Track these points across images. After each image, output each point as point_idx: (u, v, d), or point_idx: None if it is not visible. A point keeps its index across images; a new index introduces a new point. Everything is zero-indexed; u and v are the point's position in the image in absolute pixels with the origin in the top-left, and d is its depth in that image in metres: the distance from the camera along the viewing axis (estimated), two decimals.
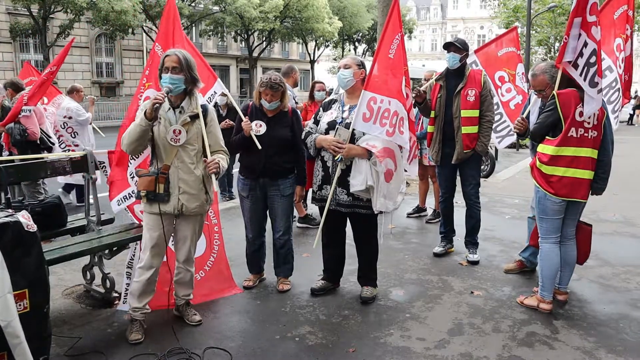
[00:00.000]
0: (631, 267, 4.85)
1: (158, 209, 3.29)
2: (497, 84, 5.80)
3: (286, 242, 4.24)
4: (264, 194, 4.12)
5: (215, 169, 3.30)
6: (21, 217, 2.64)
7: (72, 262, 4.09)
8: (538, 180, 3.74)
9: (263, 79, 4.00)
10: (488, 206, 7.02)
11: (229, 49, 38.69)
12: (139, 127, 3.15)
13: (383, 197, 3.71)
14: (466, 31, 65.86)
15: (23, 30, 24.23)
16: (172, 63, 3.22)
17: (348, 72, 3.87)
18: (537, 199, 3.81)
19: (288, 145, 4.07)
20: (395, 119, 3.77)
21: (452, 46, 4.74)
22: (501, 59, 5.91)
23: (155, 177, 3.27)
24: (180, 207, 3.34)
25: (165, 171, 3.28)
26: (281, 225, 4.19)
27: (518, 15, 26.69)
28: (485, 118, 4.76)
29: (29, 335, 2.45)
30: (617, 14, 5.11)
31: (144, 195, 3.27)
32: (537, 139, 3.80)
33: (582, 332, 3.55)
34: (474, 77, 4.77)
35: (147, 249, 3.39)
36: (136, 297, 3.42)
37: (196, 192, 3.36)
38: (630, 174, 9.94)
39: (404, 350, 3.30)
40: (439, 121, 4.85)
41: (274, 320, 3.70)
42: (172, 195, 3.31)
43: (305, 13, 31.96)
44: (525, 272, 4.63)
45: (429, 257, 5.07)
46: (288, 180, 4.11)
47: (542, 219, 3.82)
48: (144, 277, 3.39)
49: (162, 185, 3.26)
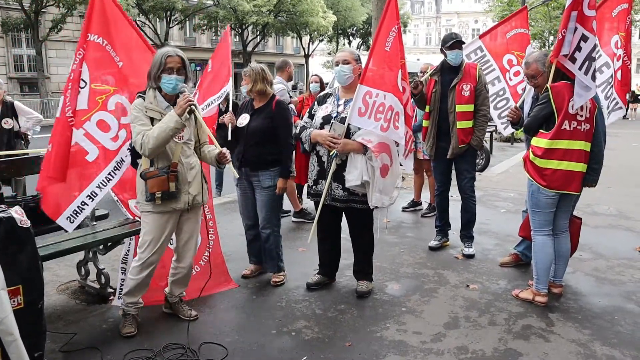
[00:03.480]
0: (625, 260, 4.87)
1: (170, 206, 3.29)
2: (506, 67, 5.70)
3: (269, 236, 4.19)
4: (249, 184, 4.19)
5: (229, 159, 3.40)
6: (14, 213, 2.62)
7: (67, 257, 4.07)
8: (531, 173, 3.75)
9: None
10: (483, 200, 7.03)
11: None
12: (173, 130, 3.13)
13: (379, 192, 3.70)
14: (460, 25, 65.77)
15: (15, 24, 24.00)
16: (176, 64, 3.22)
17: (348, 68, 3.84)
18: (530, 192, 3.82)
19: (267, 137, 4.03)
20: (390, 114, 3.72)
21: (457, 44, 4.68)
22: (510, 41, 5.78)
23: (166, 176, 3.24)
24: (190, 201, 3.36)
25: (175, 169, 3.28)
26: (262, 218, 4.18)
27: (512, 9, 26.69)
28: (480, 112, 4.75)
29: (24, 332, 2.43)
30: (616, 12, 5.12)
31: (158, 196, 3.23)
32: (530, 132, 3.80)
33: (577, 324, 3.57)
34: (469, 71, 4.75)
35: (150, 248, 3.33)
36: (132, 293, 3.41)
37: (200, 185, 3.43)
38: (625, 167, 9.98)
39: (400, 344, 3.30)
40: (433, 116, 4.84)
41: (270, 315, 3.70)
42: (183, 191, 3.32)
43: (300, 7, 31.83)
44: (521, 266, 4.65)
45: (424, 251, 5.08)
46: (268, 172, 4.07)
47: (535, 212, 3.83)
48: (142, 274, 3.36)
49: (174, 183, 3.26)
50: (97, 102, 3.57)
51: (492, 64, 5.63)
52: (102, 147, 3.57)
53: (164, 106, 3.27)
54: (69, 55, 27.36)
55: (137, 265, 3.37)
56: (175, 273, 3.59)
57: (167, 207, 3.29)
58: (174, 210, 3.33)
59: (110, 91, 3.63)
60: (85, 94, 3.53)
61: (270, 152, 4.05)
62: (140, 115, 3.21)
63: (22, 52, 26.70)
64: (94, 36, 3.58)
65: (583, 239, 5.43)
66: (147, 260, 3.34)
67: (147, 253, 3.33)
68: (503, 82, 5.65)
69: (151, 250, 3.33)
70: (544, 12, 25.84)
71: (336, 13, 36.37)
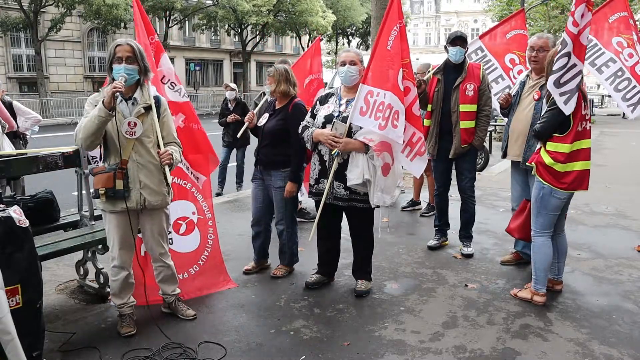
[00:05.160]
0: (623, 259, 4.88)
1: (120, 206, 3.19)
2: (508, 66, 5.72)
3: (282, 232, 4.30)
4: (263, 181, 4.29)
5: (169, 160, 3.19)
6: (13, 213, 2.62)
7: (66, 257, 4.07)
8: (546, 178, 3.67)
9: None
10: (482, 199, 7.03)
11: (222, 43, 38.49)
12: (97, 118, 2.97)
13: (380, 191, 3.70)
14: (460, 25, 65.76)
15: (14, 24, 23.98)
16: (125, 53, 3.11)
17: (355, 69, 3.84)
18: (539, 195, 3.74)
19: (279, 138, 4.11)
20: (388, 112, 3.70)
21: (459, 40, 4.67)
22: (509, 41, 5.80)
23: (113, 173, 3.14)
24: (142, 202, 3.24)
25: (124, 166, 3.17)
26: (277, 214, 4.29)
27: (512, 8, 26.68)
28: (483, 112, 4.72)
29: (22, 331, 2.43)
30: (613, 18, 5.14)
31: (102, 193, 3.14)
32: (543, 137, 3.70)
33: (575, 323, 3.58)
34: (473, 71, 4.71)
35: (115, 248, 3.31)
36: (118, 295, 3.40)
37: (157, 185, 3.28)
38: (623, 166, 10.00)
39: (398, 343, 3.30)
40: (436, 115, 4.81)
41: (269, 314, 3.70)
42: (133, 190, 3.20)
43: (299, 6, 31.79)
44: (520, 264, 4.66)
45: (423, 251, 5.08)
46: (280, 173, 4.15)
47: (540, 214, 3.79)
48: (121, 275, 3.35)
49: (121, 181, 3.15)
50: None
51: (493, 62, 5.64)
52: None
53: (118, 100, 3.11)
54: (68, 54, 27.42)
55: (113, 266, 3.36)
56: (158, 273, 3.58)
57: (116, 206, 3.20)
58: (124, 210, 3.20)
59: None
60: None
61: (282, 153, 4.12)
62: (89, 108, 3.14)
63: (21, 51, 26.70)
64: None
65: (582, 238, 5.46)
66: (117, 260, 3.33)
67: (114, 254, 3.33)
68: (507, 80, 5.68)
69: (116, 250, 3.31)
70: (543, 11, 25.81)
71: (335, 13, 36.34)
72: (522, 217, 4.11)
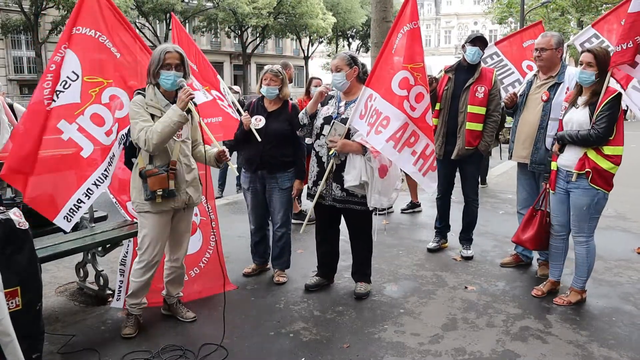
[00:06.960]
0: (623, 261, 4.88)
1: (169, 205, 3.28)
2: (525, 71, 5.69)
3: (283, 235, 4.30)
4: (263, 187, 4.24)
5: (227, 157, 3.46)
6: (13, 215, 2.63)
7: (65, 259, 4.06)
8: (600, 184, 3.68)
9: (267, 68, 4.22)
10: (482, 201, 6.95)
11: (222, 45, 38.57)
12: (176, 123, 3.09)
13: (377, 193, 3.70)
14: (460, 27, 65.85)
15: (14, 26, 24.04)
16: (175, 60, 3.18)
17: (340, 75, 3.81)
18: (593, 201, 3.71)
19: (286, 139, 4.14)
20: (375, 118, 3.64)
21: (479, 41, 4.64)
22: (526, 49, 5.78)
23: (166, 174, 3.22)
24: (187, 200, 3.37)
25: (174, 167, 3.26)
26: (279, 218, 4.27)
27: (512, 10, 26.76)
28: (492, 117, 4.64)
29: (21, 333, 2.43)
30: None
31: (159, 194, 3.19)
32: (604, 141, 3.71)
33: (575, 326, 3.58)
34: (486, 74, 4.65)
35: (151, 249, 3.30)
36: (136, 295, 3.40)
37: (197, 183, 3.45)
38: (623, 169, 9.96)
39: (398, 345, 3.31)
40: (443, 114, 4.73)
41: (268, 316, 3.70)
42: (181, 190, 3.31)
43: (299, 9, 31.90)
44: (520, 267, 4.66)
45: (422, 253, 5.09)
46: (286, 174, 4.18)
47: (594, 219, 3.78)
48: (146, 276, 3.35)
49: (173, 181, 3.24)
50: (91, 95, 3.44)
51: (510, 67, 5.61)
52: (97, 142, 3.44)
53: (164, 104, 3.22)
54: None
55: (140, 267, 3.34)
56: (170, 273, 3.58)
57: (166, 205, 3.27)
58: (171, 209, 3.32)
59: (104, 83, 3.49)
60: (77, 87, 3.39)
61: (287, 154, 4.17)
62: (142, 111, 3.16)
63: (21, 54, 26.76)
64: (86, 29, 3.43)
65: None
66: (150, 262, 3.33)
67: (149, 254, 3.31)
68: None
69: (152, 251, 3.31)
70: (543, 13, 25.84)
71: (335, 15, 36.44)
72: (534, 228, 4.04)
